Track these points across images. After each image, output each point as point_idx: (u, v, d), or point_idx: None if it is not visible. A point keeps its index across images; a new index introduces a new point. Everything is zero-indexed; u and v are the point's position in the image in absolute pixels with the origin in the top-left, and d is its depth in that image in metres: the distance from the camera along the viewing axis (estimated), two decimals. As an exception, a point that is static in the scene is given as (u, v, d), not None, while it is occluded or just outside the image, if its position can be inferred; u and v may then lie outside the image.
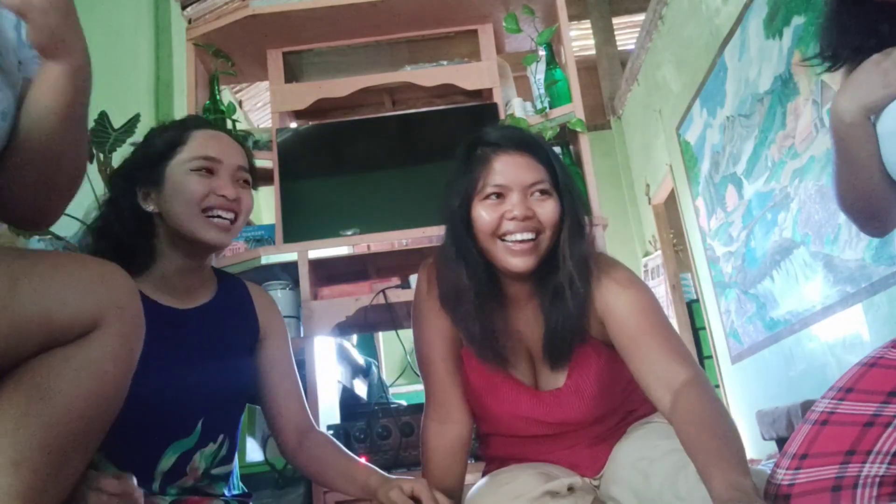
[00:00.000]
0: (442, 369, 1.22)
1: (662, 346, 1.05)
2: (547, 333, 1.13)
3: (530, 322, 1.18)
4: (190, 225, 1.16)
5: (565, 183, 1.14)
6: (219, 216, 1.18)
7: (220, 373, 1.19)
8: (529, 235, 1.09)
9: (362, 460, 1.27)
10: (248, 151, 1.29)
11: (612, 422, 1.22)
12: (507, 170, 1.11)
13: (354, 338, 2.92)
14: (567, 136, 2.19)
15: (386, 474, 1.18)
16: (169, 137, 1.21)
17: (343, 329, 2.27)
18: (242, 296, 1.31)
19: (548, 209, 1.11)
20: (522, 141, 1.14)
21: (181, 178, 1.17)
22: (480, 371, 1.19)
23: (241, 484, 1.29)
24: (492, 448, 1.30)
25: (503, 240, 1.10)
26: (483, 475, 1.25)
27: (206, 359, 1.18)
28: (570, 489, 1.06)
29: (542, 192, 1.11)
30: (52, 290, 0.77)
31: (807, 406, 2.40)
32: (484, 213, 1.11)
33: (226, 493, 1.21)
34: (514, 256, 1.09)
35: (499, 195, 1.11)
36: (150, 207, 1.19)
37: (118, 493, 0.90)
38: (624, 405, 1.23)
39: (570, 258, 1.10)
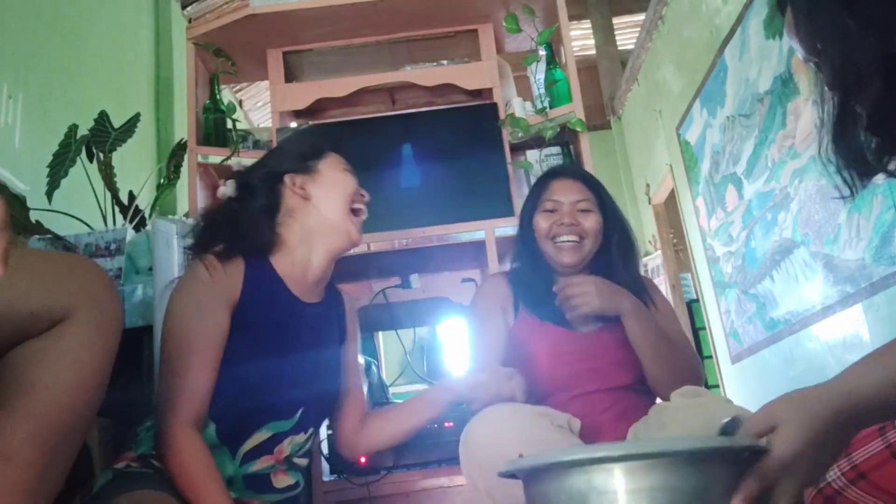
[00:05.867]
0: (497, 347, 1.46)
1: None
2: None
3: None
4: (341, 219, 1.30)
5: (610, 206, 1.51)
6: (359, 212, 1.34)
7: (323, 367, 1.29)
8: (574, 238, 1.46)
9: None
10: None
11: (632, 399, 1.38)
12: (561, 189, 1.50)
13: (354, 337, 2.91)
14: (567, 136, 2.19)
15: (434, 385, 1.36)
16: (315, 145, 1.37)
17: (343, 329, 2.27)
18: (338, 300, 1.41)
19: (590, 220, 1.48)
20: (576, 170, 1.60)
21: (336, 173, 1.33)
22: (530, 327, 1.45)
23: None
24: None
25: (554, 241, 1.47)
26: None
27: (314, 352, 1.27)
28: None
29: (586, 209, 1.48)
30: (14, 282, 0.76)
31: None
32: (542, 222, 1.50)
33: (295, 482, 1.25)
34: (562, 253, 1.47)
35: (553, 210, 1.48)
36: (301, 192, 1.29)
37: None
38: (643, 389, 1.41)
39: (623, 268, 1.47)
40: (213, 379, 1.12)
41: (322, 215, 1.29)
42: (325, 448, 1.90)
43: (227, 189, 1.35)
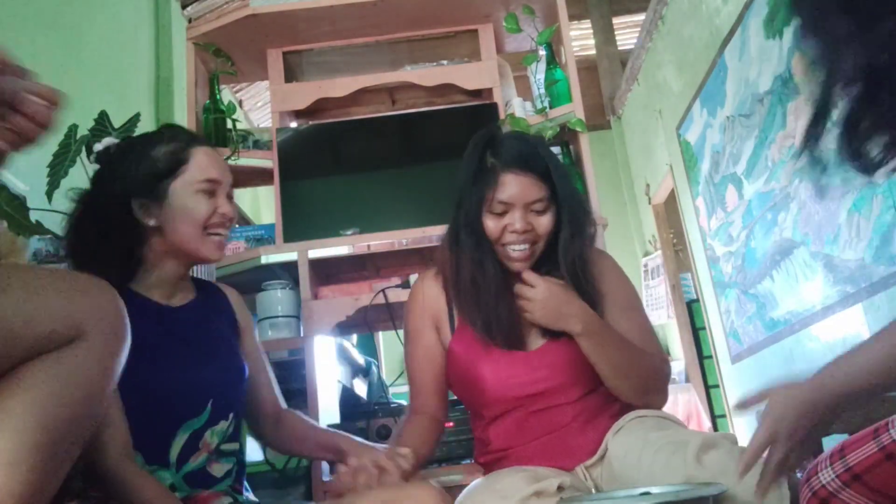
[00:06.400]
0: (428, 371, 1.38)
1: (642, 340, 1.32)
2: None
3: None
4: (194, 243, 1.26)
5: (564, 193, 1.32)
6: (218, 234, 1.29)
7: (221, 357, 1.29)
8: (525, 247, 1.30)
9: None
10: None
11: (596, 401, 1.30)
12: (512, 188, 1.28)
13: (354, 338, 2.91)
14: (567, 136, 2.19)
15: (358, 439, 1.32)
16: (171, 155, 1.27)
17: (343, 329, 2.27)
18: (219, 296, 1.41)
19: (543, 222, 1.31)
20: (528, 159, 1.30)
21: (188, 198, 1.26)
22: (472, 344, 1.33)
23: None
24: (490, 439, 1.32)
25: (504, 247, 1.31)
26: None
27: (204, 346, 1.28)
28: (560, 488, 1.08)
29: (541, 209, 1.30)
30: (35, 300, 0.82)
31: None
32: (490, 224, 1.30)
33: (231, 467, 1.26)
34: (513, 261, 1.31)
35: (503, 212, 1.29)
36: (152, 222, 1.25)
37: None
38: (605, 389, 1.31)
39: (567, 262, 1.31)
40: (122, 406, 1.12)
41: (175, 240, 1.26)
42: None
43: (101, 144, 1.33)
